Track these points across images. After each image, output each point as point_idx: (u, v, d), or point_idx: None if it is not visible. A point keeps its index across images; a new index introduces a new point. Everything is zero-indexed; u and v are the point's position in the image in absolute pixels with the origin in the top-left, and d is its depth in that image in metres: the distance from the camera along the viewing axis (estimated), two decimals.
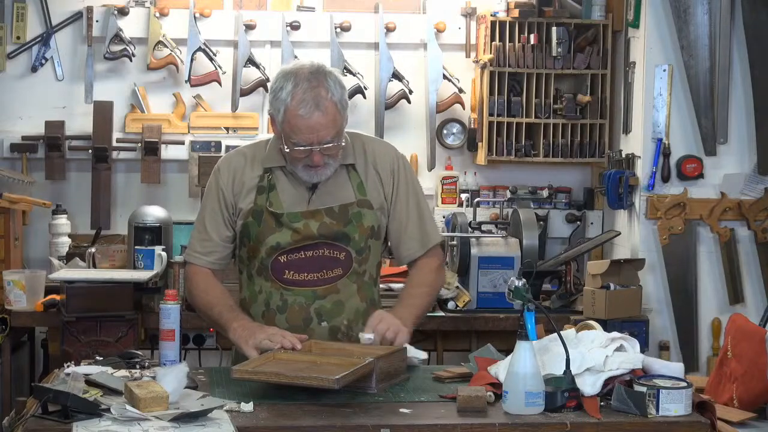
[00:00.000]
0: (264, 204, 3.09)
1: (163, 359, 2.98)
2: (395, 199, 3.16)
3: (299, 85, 2.96)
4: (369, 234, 3.11)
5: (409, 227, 3.18)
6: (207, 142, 4.92)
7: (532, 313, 2.79)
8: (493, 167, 5.11)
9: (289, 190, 3.10)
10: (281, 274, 3.09)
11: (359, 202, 3.11)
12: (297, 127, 2.96)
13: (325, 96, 2.96)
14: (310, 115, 2.94)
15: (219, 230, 3.15)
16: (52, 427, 2.47)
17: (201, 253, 3.17)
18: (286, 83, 2.98)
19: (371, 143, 3.22)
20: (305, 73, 2.98)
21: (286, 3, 5.08)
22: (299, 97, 2.94)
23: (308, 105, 2.94)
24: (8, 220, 4.55)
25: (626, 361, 2.78)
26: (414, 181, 3.22)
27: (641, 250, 4.63)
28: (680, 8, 4.55)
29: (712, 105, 4.60)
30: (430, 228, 3.22)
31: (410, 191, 3.18)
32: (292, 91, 2.95)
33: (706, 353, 4.65)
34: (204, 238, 3.16)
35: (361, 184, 3.12)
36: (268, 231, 3.07)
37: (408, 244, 3.19)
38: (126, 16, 4.95)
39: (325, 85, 2.97)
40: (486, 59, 4.88)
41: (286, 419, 2.57)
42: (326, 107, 2.95)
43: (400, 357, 2.94)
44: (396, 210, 3.17)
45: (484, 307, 4.48)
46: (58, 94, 5.00)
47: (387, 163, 3.17)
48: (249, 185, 3.11)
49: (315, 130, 2.96)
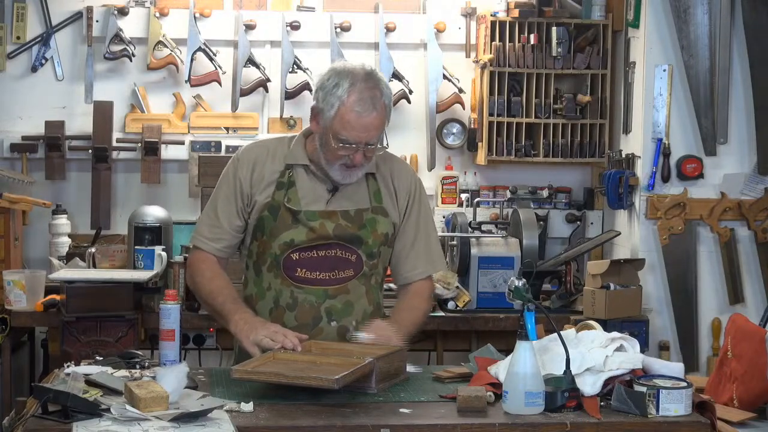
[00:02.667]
0: (282, 200, 3.10)
1: (163, 359, 2.98)
2: (406, 219, 3.20)
3: (356, 84, 3.00)
4: (382, 240, 3.14)
5: (415, 248, 3.20)
6: (207, 142, 4.92)
7: (532, 313, 2.80)
8: (493, 167, 5.11)
9: (308, 189, 3.12)
10: (293, 271, 3.10)
11: (374, 208, 3.14)
12: (350, 124, 2.99)
13: (380, 97, 3.01)
14: (368, 114, 2.98)
15: (230, 219, 3.14)
16: (52, 427, 2.47)
17: (209, 239, 3.16)
18: (342, 81, 3.01)
19: (392, 159, 3.27)
20: (362, 73, 3.03)
21: (286, 3, 5.08)
22: (357, 96, 2.98)
23: (366, 104, 2.98)
24: (8, 220, 4.55)
25: (626, 361, 2.78)
26: (427, 208, 3.27)
27: (641, 250, 4.63)
28: (680, 8, 4.55)
29: (712, 105, 4.60)
30: (436, 256, 3.26)
31: (421, 215, 3.22)
32: (350, 88, 2.99)
33: (706, 353, 4.65)
34: (214, 224, 3.16)
35: (378, 192, 3.16)
36: (284, 227, 3.09)
37: (413, 263, 3.21)
38: (126, 16, 4.95)
39: (380, 87, 3.03)
40: (486, 59, 4.88)
41: (286, 419, 2.57)
42: (381, 108, 3.01)
43: (400, 357, 2.94)
44: (405, 230, 3.20)
45: (484, 307, 4.48)
46: (58, 94, 5.00)
47: (405, 183, 3.21)
48: (269, 179, 3.13)
49: (367, 129, 2.99)
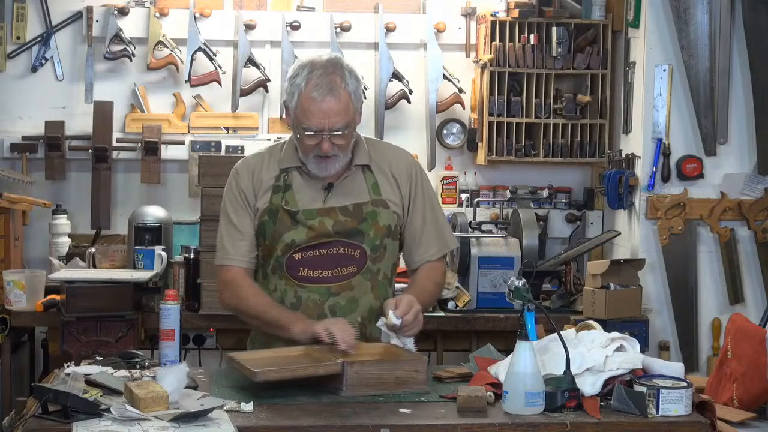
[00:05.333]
0: (279, 203, 3.10)
1: (163, 359, 2.98)
2: (413, 204, 3.20)
3: (315, 71, 3.01)
4: (385, 233, 3.13)
5: (425, 231, 3.20)
6: (207, 142, 4.92)
7: (532, 313, 2.80)
8: (493, 167, 5.11)
9: (305, 189, 3.12)
10: (296, 271, 3.10)
11: (374, 201, 3.13)
12: (309, 111, 2.99)
13: (339, 83, 3.00)
14: (323, 99, 2.98)
15: (249, 227, 3.15)
16: (52, 427, 2.47)
17: (236, 254, 3.15)
18: (301, 70, 3.03)
19: (387, 148, 3.27)
20: (322, 61, 3.04)
21: (286, 3, 5.08)
22: (314, 82, 2.99)
23: (321, 89, 2.98)
24: (8, 220, 4.55)
25: (626, 361, 2.78)
26: (430, 187, 3.27)
27: (641, 250, 4.63)
28: (680, 8, 4.55)
29: (712, 105, 4.60)
30: (447, 233, 3.27)
31: (426, 196, 3.22)
32: (307, 76, 3.00)
33: (706, 353, 4.65)
34: (235, 239, 3.15)
35: (375, 185, 3.15)
36: (284, 229, 3.09)
37: (425, 247, 3.21)
38: (126, 16, 4.95)
39: (340, 73, 3.01)
40: (486, 59, 4.88)
41: (286, 419, 2.57)
42: (339, 93, 2.99)
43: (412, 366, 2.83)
44: (413, 214, 3.20)
45: (484, 307, 4.48)
46: (58, 94, 5.00)
47: (404, 169, 3.20)
48: (266, 185, 3.14)
49: (327, 115, 2.98)
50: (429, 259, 3.22)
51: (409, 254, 3.24)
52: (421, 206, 3.20)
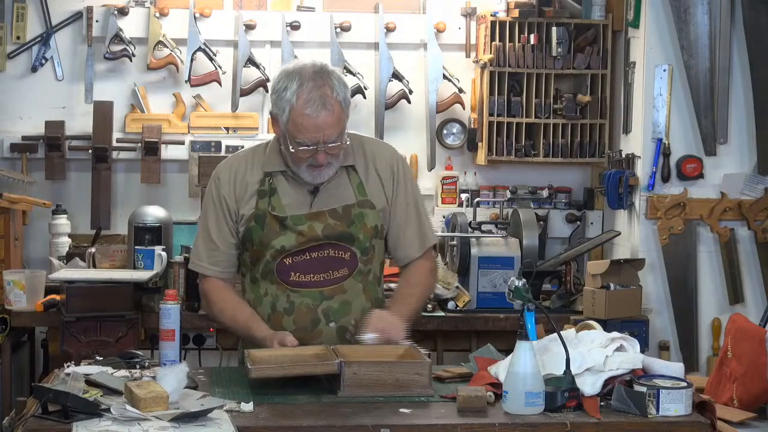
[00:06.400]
0: (266, 208, 3.08)
1: (163, 359, 2.98)
2: (395, 199, 3.18)
3: (304, 84, 2.95)
4: (373, 234, 3.12)
5: (407, 228, 3.19)
6: (207, 142, 4.92)
7: (532, 313, 2.79)
8: (493, 167, 5.11)
9: (290, 194, 3.10)
10: (287, 276, 3.09)
11: (360, 202, 3.11)
12: (303, 127, 2.96)
13: (331, 95, 2.96)
14: (317, 114, 2.94)
15: (226, 239, 3.14)
16: (52, 427, 2.47)
17: (210, 264, 3.16)
18: (290, 83, 2.97)
19: (370, 144, 3.23)
20: (309, 72, 2.98)
21: (286, 3, 5.08)
22: (305, 97, 2.94)
23: (315, 104, 2.94)
24: (8, 220, 4.55)
25: (626, 361, 2.78)
26: (412, 182, 3.24)
27: (641, 250, 4.63)
28: (680, 8, 4.55)
29: (712, 105, 4.60)
30: (427, 229, 3.24)
31: (409, 192, 3.20)
32: (297, 90, 2.95)
33: (706, 353, 4.65)
34: (211, 248, 3.15)
35: (361, 185, 3.13)
36: (273, 234, 3.07)
37: (406, 246, 3.21)
38: (126, 16, 4.95)
39: (329, 83, 2.97)
40: (486, 59, 4.88)
41: (286, 419, 2.57)
42: (332, 106, 2.96)
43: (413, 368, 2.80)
44: (396, 210, 3.18)
45: (484, 307, 4.48)
46: (58, 94, 5.00)
47: (386, 164, 3.17)
48: (251, 189, 3.11)
49: (321, 129, 2.96)
50: (412, 257, 3.22)
51: (394, 251, 3.24)
52: (403, 202, 3.18)
